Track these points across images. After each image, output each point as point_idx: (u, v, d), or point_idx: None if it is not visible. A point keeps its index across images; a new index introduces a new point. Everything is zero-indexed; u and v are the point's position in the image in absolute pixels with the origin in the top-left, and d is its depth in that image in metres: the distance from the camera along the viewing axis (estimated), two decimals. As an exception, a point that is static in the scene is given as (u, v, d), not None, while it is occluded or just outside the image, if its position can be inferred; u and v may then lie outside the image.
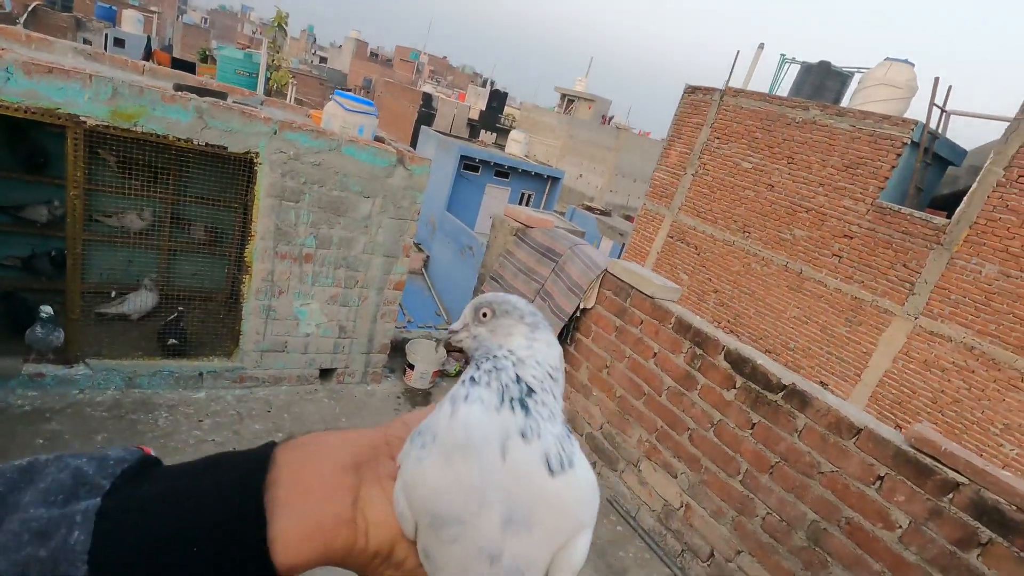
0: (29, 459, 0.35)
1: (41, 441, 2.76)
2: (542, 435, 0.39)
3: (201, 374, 3.46)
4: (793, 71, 12.64)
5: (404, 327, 6.01)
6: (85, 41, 19.72)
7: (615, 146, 28.71)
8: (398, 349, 4.39)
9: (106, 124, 2.74)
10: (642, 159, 28.30)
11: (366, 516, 0.38)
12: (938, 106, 9.04)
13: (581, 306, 3.79)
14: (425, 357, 4.24)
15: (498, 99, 32.11)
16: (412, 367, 4.22)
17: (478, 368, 0.42)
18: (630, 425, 3.48)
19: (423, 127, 21.99)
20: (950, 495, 2.14)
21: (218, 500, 0.35)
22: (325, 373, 3.93)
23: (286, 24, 15.35)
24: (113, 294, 3.75)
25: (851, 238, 9.27)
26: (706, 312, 11.53)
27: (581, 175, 29.67)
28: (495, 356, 0.43)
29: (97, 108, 2.70)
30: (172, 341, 3.42)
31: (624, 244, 15.40)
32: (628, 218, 20.46)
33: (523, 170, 18.38)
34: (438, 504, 0.37)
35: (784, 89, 12.78)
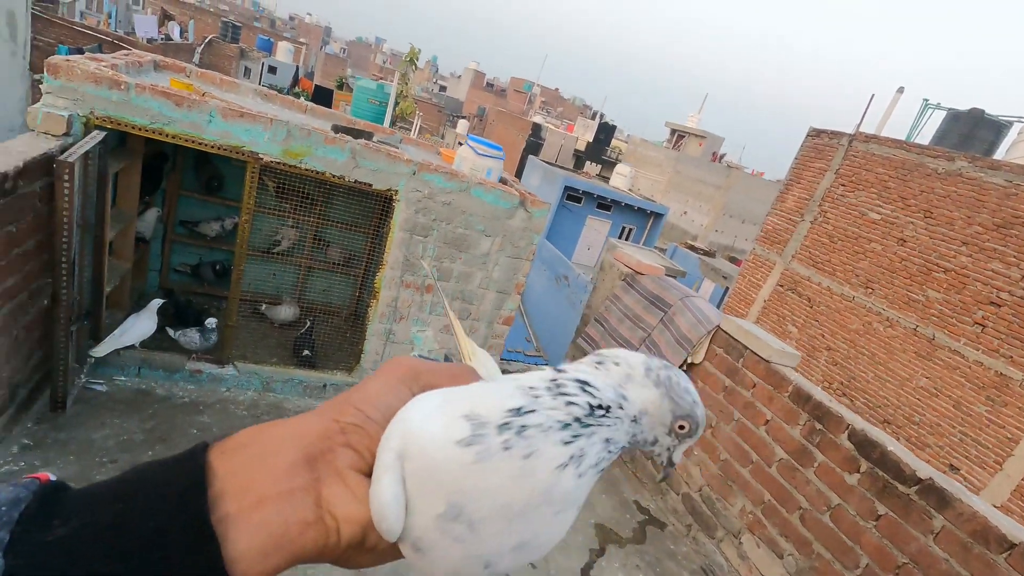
0: None
1: (195, 431, 3.17)
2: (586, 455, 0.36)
3: (325, 385, 3.79)
4: (937, 118, 11.60)
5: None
6: (246, 68, 22.51)
7: (724, 184, 27.70)
8: (499, 380, 4.52)
9: (278, 161, 3.15)
10: (753, 200, 27.04)
11: (334, 513, 0.35)
12: (1122, 166, 7.87)
13: (688, 360, 3.71)
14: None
15: (606, 131, 32.30)
16: (511, 400, 4.32)
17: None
18: (733, 493, 3.32)
19: (530, 156, 22.60)
20: None
21: (156, 534, 0.30)
22: (430, 396, 4.13)
23: (416, 59, 16.65)
24: (264, 306, 4.23)
25: (999, 306, 8.23)
26: (815, 371, 10.69)
27: (686, 212, 28.90)
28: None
29: (273, 147, 3.12)
30: (306, 352, 3.79)
31: (728, 288, 14.73)
32: (734, 260, 19.58)
33: (626, 204, 18.25)
34: (472, 498, 0.33)
35: (925, 137, 11.76)
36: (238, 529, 0.31)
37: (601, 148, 31.25)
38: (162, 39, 20.26)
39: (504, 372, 0.48)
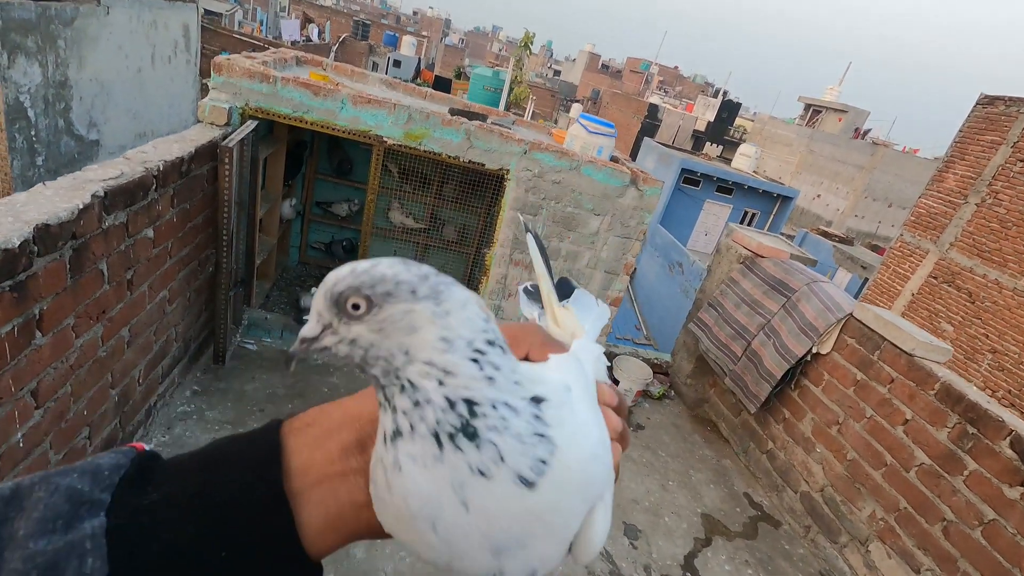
0: (11, 484, 0.32)
1: (325, 390, 3.53)
2: (505, 455, 0.32)
3: (438, 356, 4.02)
4: None
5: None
6: (374, 64, 24.09)
7: (868, 164, 24.75)
8: (604, 362, 4.49)
9: (400, 143, 3.37)
10: (903, 181, 23.89)
11: None
12: None
13: (814, 350, 3.42)
14: (630, 375, 4.27)
15: (729, 110, 30.22)
16: (616, 383, 4.28)
17: (390, 408, 0.32)
18: (861, 496, 3.03)
19: (645, 138, 21.83)
20: None
21: (235, 503, 0.33)
22: (536, 373, 4.22)
23: (531, 45, 16.75)
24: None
25: None
26: (975, 375, 9.31)
27: (819, 195, 26.31)
28: (407, 380, 0.32)
29: (395, 131, 3.33)
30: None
31: (867, 280, 13.25)
32: (875, 249, 17.53)
33: (749, 187, 17.01)
34: (413, 546, 0.34)
35: None
36: (300, 505, 0.34)
37: (723, 128, 29.31)
38: (303, 40, 22.28)
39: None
